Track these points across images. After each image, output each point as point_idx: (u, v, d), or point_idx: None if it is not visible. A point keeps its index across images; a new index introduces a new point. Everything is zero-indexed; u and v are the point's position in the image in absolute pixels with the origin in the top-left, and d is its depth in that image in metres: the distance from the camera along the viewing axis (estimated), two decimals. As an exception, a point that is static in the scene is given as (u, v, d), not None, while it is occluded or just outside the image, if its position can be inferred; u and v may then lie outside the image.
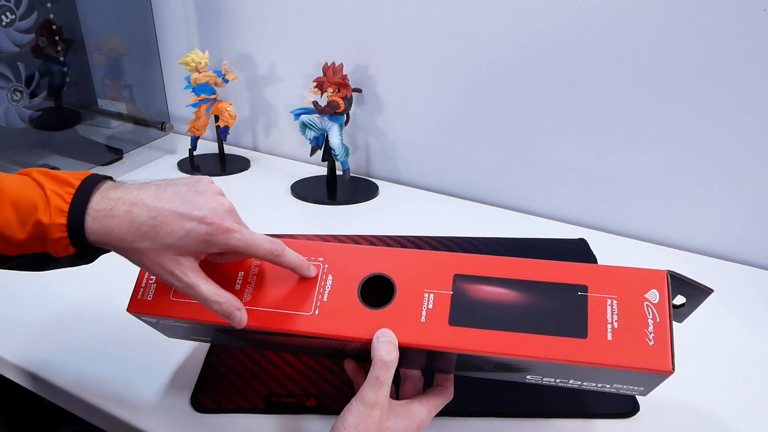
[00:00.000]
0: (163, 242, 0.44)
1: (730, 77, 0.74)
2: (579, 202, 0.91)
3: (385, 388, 0.43)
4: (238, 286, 0.49)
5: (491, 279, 0.45)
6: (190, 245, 0.44)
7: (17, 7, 0.86)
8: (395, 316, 0.45)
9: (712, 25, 0.72)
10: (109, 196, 0.45)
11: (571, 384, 0.47)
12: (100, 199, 0.45)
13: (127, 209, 0.44)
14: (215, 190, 0.48)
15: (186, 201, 0.45)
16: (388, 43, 0.95)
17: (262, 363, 0.61)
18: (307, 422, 0.55)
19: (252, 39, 1.08)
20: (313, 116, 0.94)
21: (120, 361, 0.62)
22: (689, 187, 0.82)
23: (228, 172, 1.08)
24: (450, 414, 0.54)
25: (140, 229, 0.44)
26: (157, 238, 0.44)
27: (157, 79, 1.12)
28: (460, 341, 0.43)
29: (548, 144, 0.89)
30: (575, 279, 0.44)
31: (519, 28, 0.84)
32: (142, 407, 0.56)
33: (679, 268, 0.45)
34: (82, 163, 1.01)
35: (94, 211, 0.44)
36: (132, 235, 0.44)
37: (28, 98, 0.92)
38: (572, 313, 0.43)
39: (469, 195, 0.99)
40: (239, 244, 0.45)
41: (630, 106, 0.81)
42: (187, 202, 0.45)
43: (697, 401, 0.57)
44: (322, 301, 0.47)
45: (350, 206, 0.96)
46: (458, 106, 0.94)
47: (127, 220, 0.44)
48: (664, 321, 0.41)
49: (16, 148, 0.98)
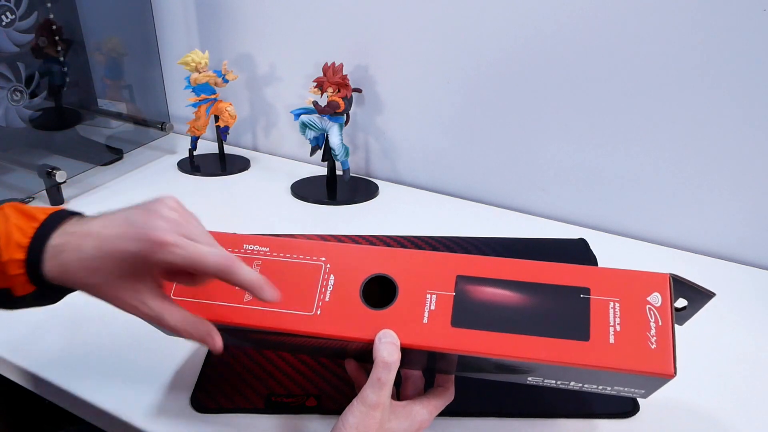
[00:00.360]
0: (112, 273, 0.41)
1: (730, 77, 0.74)
2: (579, 202, 0.91)
3: (386, 389, 0.43)
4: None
5: (494, 280, 0.45)
6: (138, 269, 0.41)
7: (17, 7, 0.86)
8: (397, 316, 0.45)
9: (712, 25, 0.72)
10: (67, 230, 0.42)
11: (572, 386, 0.47)
12: (60, 233, 0.42)
13: (77, 242, 0.41)
14: (170, 205, 0.44)
15: (131, 222, 0.42)
16: (388, 43, 0.95)
17: (262, 363, 0.61)
18: (307, 422, 0.55)
19: (252, 39, 1.08)
20: (313, 116, 0.94)
21: (120, 361, 0.62)
22: (689, 187, 0.82)
23: (228, 172, 1.08)
24: (450, 414, 0.54)
25: (89, 264, 0.41)
26: (106, 270, 0.41)
27: (157, 79, 1.12)
28: (463, 343, 0.43)
29: (548, 144, 0.89)
30: (578, 281, 0.44)
31: (519, 28, 0.84)
32: (142, 407, 0.56)
33: (680, 269, 0.45)
34: (82, 163, 1.01)
35: (51, 247, 0.42)
36: (83, 271, 0.41)
37: (28, 98, 0.92)
38: (575, 316, 0.42)
39: (469, 195, 0.99)
40: (179, 260, 0.40)
41: (630, 106, 0.81)
42: (132, 223, 0.42)
43: (697, 401, 0.57)
44: (323, 301, 0.47)
45: (350, 206, 0.96)
46: (458, 106, 0.94)
47: (75, 255, 0.41)
48: (666, 324, 0.41)
49: (16, 148, 0.98)
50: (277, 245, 0.50)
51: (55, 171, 0.90)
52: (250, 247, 0.50)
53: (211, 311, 0.47)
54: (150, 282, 0.43)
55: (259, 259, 0.49)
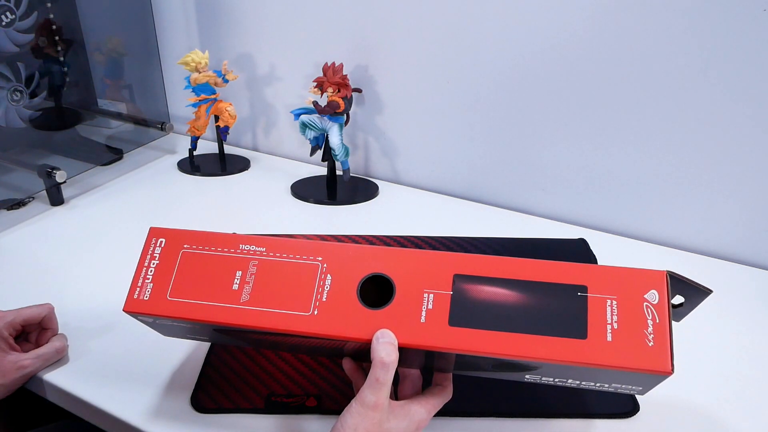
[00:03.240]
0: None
1: (730, 77, 0.74)
2: (579, 202, 0.90)
3: (385, 389, 0.43)
4: (235, 285, 0.49)
5: (491, 279, 0.45)
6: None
7: (17, 7, 0.86)
8: (395, 316, 0.45)
9: (712, 25, 0.72)
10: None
11: (569, 383, 0.47)
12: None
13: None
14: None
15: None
16: (388, 44, 0.95)
17: (262, 363, 0.61)
18: (307, 422, 0.55)
19: (252, 39, 1.08)
20: (313, 116, 0.94)
21: (120, 361, 0.62)
22: (689, 187, 0.82)
23: (228, 172, 1.08)
24: (449, 414, 0.54)
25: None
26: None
27: (157, 79, 1.12)
28: (460, 342, 0.43)
29: (548, 144, 0.89)
30: (575, 279, 0.44)
31: (518, 28, 0.84)
32: (142, 407, 0.56)
33: (679, 268, 0.45)
34: (82, 163, 1.02)
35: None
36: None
37: (28, 98, 0.92)
38: (572, 314, 0.43)
39: (469, 195, 0.99)
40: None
41: (630, 106, 0.81)
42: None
43: (696, 401, 0.57)
44: (320, 301, 0.47)
45: (350, 206, 0.96)
46: (458, 106, 0.94)
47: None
48: (663, 322, 0.41)
49: (16, 148, 0.98)
50: (273, 245, 0.50)
51: (55, 171, 0.90)
52: (246, 247, 0.50)
53: (208, 312, 0.47)
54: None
55: (255, 259, 0.49)
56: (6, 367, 0.58)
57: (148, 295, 0.49)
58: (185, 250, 0.50)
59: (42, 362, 0.60)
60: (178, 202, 0.96)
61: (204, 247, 0.50)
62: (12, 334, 0.60)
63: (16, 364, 0.58)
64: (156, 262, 0.50)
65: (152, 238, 0.51)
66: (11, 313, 0.61)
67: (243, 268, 0.49)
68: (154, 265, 0.50)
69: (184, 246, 0.50)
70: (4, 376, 0.57)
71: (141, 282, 0.50)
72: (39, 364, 0.60)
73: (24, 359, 0.59)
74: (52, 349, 0.61)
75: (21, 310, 0.62)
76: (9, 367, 0.58)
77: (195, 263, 0.49)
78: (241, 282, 0.49)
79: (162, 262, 0.50)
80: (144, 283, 0.50)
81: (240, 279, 0.49)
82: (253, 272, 0.49)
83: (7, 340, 0.59)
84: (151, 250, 0.51)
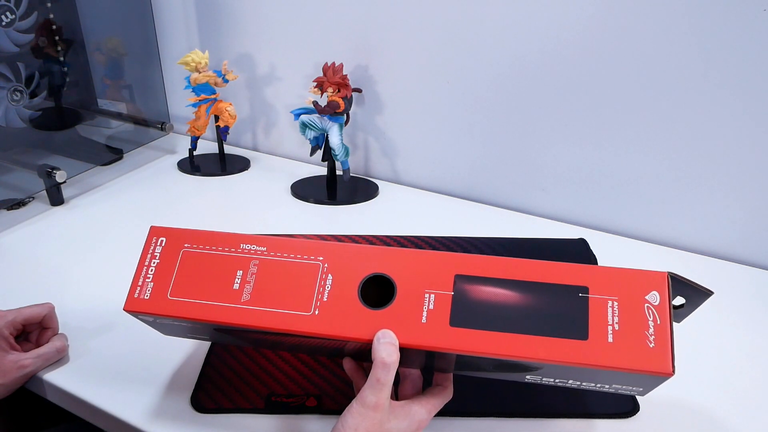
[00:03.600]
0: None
1: (730, 77, 0.74)
2: (579, 202, 0.90)
3: (386, 389, 0.43)
4: (236, 285, 0.49)
5: (492, 280, 0.45)
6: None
7: (17, 7, 0.86)
8: (396, 316, 0.45)
9: (712, 25, 0.72)
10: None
11: (570, 384, 0.47)
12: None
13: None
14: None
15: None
16: (388, 43, 0.95)
17: (262, 363, 0.61)
18: (307, 422, 0.55)
19: (252, 39, 1.08)
20: (313, 116, 0.94)
21: (120, 361, 0.62)
22: (689, 187, 0.82)
23: (228, 172, 1.08)
24: (450, 414, 0.54)
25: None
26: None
27: (157, 79, 1.12)
28: (461, 342, 0.43)
29: (548, 144, 0.89)
30: (576, 280, 0.44)
31: (518, 28, 0.84)
32: (142, 407, 0.56)
33: (679, 268, 0.45)
34: (82, 163, 1.02)
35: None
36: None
37: (28, 98, 0.92)
38: (573, 315, 0.42)
39: (469, 195, 0.99)
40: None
41: (630, 106, 0.81)
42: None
43: (697, 401, 0.57)
44: (321, 300, 0.47)
45: (350, 206, 0.96)
46: (458, 106, 0.94)
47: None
48: (664, 323, 0.41)
49: (16, 148, 0.98)
50: (274, 245, 0.50)
51: (55, 171, 0.90)
52: (246, 247, 0.50)
53: (208, 311, 0.47)
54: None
55: (256, 258, 0.49)
56: (6, 367, 0.58)
57: (149, 294, 0.49)
58: (186, 250, 0.50)
59: (42, 362, 0.60)
60: (178, 202, 0.96)
61: (205, 247, 0.50)
62: (12, 333, 0.60)
63: (16, 363, 0.58)
64: (157, 262, 0.50)
65: (153, 237, 0.51)
66: (12, 313, 0.61)
67: (244, 268, 0.49)
68: (155, 264, 0.50)
69: (184, 245, 0.50)
70: (5, 375, 0.57)
71: (141, 281, 0.50)
72: (39, 364, 0.60)
73: (24, 359, 0.59)
74: (52, 348, 0.61)
75: (21, 310, 0.61)
76: (9, 367, 0.58)
77: (196, 262, 0.49)
78: (241, 281, 0.49)
79: (163, 262, 0.50)
80: (144, 283, 0.50)
81: (241, 278, 0.49)
82: (254, 272, 0.49)
83: (7, 340, 0.59)
84: (151, 250, 0.51)
